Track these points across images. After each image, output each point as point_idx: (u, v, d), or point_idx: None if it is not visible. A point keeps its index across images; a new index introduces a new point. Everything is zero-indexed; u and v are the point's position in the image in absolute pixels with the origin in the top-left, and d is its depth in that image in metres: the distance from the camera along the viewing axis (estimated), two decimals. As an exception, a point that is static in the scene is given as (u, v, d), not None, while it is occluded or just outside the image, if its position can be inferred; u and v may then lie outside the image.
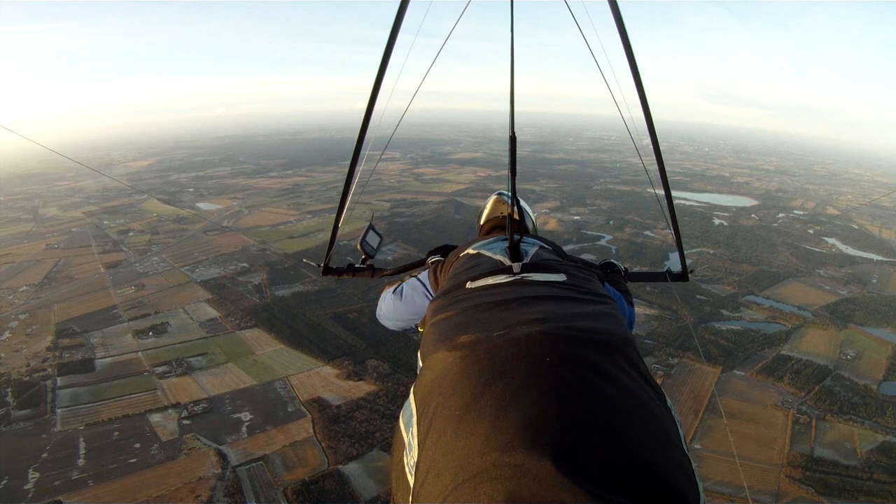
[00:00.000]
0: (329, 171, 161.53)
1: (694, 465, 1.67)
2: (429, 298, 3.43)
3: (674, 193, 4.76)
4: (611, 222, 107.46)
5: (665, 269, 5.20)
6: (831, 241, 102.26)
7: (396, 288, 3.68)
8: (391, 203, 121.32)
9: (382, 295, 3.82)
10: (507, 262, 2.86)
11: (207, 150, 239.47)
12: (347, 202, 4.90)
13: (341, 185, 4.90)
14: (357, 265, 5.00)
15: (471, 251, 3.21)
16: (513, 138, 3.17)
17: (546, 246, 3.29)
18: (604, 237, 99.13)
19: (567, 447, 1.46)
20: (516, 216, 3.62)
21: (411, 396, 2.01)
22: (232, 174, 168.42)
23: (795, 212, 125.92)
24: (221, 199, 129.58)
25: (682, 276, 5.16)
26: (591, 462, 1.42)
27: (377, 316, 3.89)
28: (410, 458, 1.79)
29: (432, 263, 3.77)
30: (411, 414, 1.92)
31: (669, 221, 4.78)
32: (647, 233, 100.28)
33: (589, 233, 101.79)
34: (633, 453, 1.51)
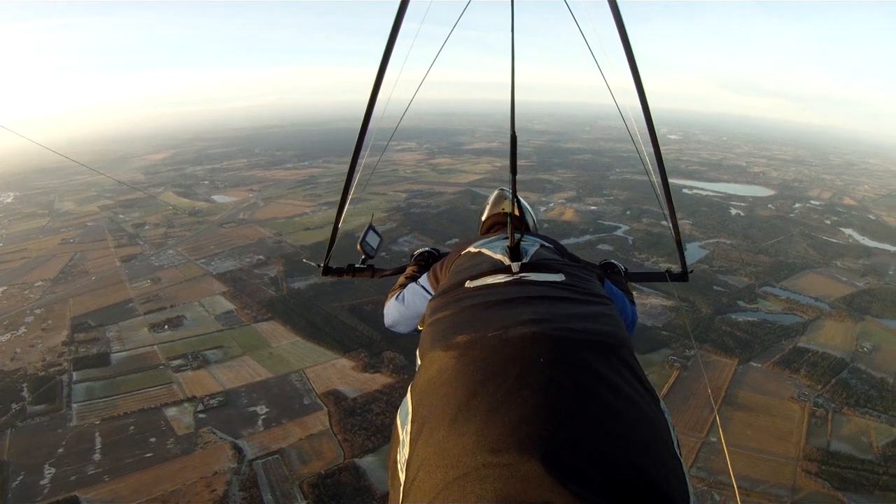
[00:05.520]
0: (344, 163, 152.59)
1: (685, 467, 1.69)
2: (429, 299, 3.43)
3: (691, 183, 4.69)
4: (627, 213, 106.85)
5: (665, 270, 5.18)
6: (848, 231, 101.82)
7: (398, 295, 3.80)
8: (407, 194, 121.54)
9: (386, 304, 3.95)
10: (506, 261, 2.89)
11: (223, 142, 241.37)
12: (348, 200, 5.01)
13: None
14: (357, 265, 5.08)
15: (472, 249, 3.26)
16: (513, 138, 3.23)
17: (547, 244, 3.31)
18: (620, 227, 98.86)
19: (556, 448, 1.49)
20: (517, 214, 3.74)
21: (408, 394, 2.04)
22: (248, 166, 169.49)
23: (812, 202, 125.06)
24: (237, 191, 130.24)
25: (682, 276, 5.19)
26: (579, 463, 1.46)
27: (387, 326, 4.00)
28: (402, 454, 1.82)
29: (431, 264, 3.93)
30: (407, 412, 1.95)
31: (669, 221, 4.79)
32: (664, 223, 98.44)
33: (605, 223, 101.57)
34: (622, 454, 1.54)
